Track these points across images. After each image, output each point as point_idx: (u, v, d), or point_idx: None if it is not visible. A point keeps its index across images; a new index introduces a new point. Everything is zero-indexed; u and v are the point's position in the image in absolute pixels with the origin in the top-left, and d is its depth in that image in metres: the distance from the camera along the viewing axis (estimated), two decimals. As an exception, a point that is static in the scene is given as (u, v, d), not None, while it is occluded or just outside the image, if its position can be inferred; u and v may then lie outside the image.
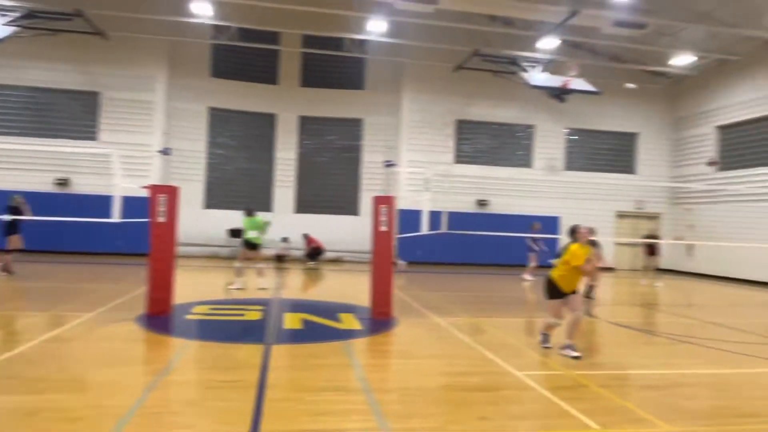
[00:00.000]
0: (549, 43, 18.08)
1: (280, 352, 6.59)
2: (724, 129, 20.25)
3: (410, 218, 13.67)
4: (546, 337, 7.07)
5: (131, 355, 6.35)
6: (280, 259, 18.56)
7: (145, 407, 4.50)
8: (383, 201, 8.80)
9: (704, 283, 18.10)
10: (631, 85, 15.95)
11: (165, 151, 12.30)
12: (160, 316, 8.16)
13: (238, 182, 20.96)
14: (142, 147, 18.22)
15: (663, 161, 22.62)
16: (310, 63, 21.15)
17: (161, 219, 8.35)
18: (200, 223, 18.86)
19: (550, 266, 11.49)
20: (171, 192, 8.52)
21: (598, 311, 10.73)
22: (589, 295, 11.82)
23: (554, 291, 6.81)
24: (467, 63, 19.40)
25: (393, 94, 21.35)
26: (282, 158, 21.23)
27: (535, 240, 15.42)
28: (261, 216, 12.23)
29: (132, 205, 10.57)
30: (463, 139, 21.60)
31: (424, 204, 9.63)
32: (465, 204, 20.36)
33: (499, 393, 5.28)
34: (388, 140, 21.26)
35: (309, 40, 20.16)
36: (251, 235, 11.75)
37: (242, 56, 20.56)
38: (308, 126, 21.51)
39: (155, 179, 17.02)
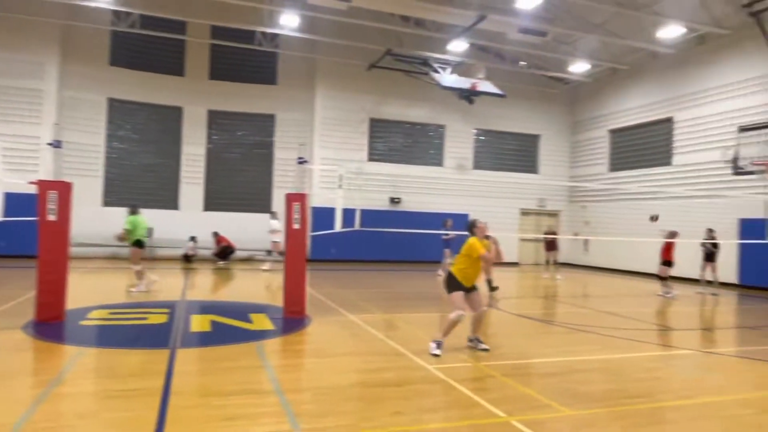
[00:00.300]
0: (458, 45, 18.68)
1: (186, 357, 6.29)
2: (615, 132, 21.94)
3: (324, 216, 13.59)
4: (439, 345, 6.61)
5: (17, 366, 5.79)
6: (187, 258, 17.77)
7: (32, 422, 4.12)
8: (296, 198, 8.66)
9: (598, 275, 19.52)
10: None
11: (55, 144, 11.34)
12: (51, 323, 7.52)
13: (140, 178, 19.76)
14: (29, 139, 16.74)
15: (562, 162, 24.12)
16: (220, 55, 20.39)
17: (51, 217, 7.69)
18: (98, 221, 17.59)
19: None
20: (63, 188, 7.86)
21: (504, 304, 11.24)
22: (491, 287, 12.39)
23: (456, 285, 6.82)
24: (380, 62, 19.60)
25: (306, 91, 21.11)
26: (189, 154, 20.31)
27: (448, 236, 15.83)
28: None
29: (17, 202, 9.65)
30: (377, 137, 21.80)
31: (338, 201, 9.58)
32: (378, 201, 20.59)
33: (412, 387, 5.37)
34: (301, 137, 20.95)
35: (218, 32, 19.40)
36: (146, 234, 11.25)
37: (145, 45, 19.40)
38: (217, 120, 20.74)
39: (45, 174, 15.67)
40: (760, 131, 15.55)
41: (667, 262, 13.48)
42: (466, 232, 7.11)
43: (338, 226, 9.46)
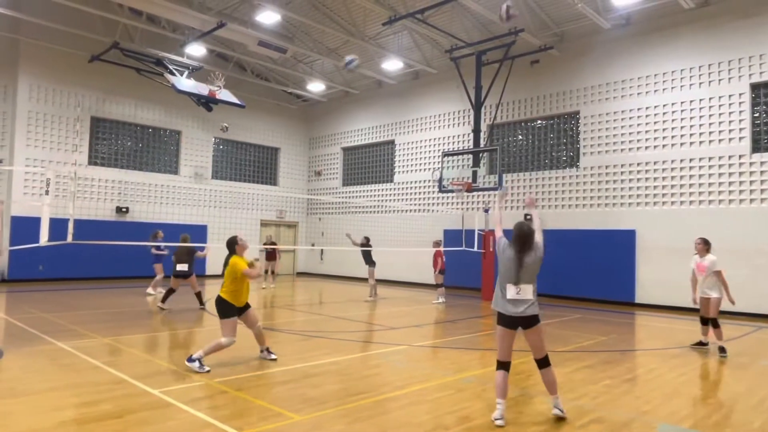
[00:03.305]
0: (196, 49, 17.99)
1: None
2: (347, 150, 23.84)
3: (29, 227, 11.50)
4: (201, 361, 6.46)
5: None
6: None
7: None
8: (-16, 206, 7.09)
9: (333, 282, 20.81)
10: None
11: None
12: None
13: None
14: None
15: (300, 175, 25.15)
16: None
17: None
18: None
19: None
20: None
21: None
22: (201, 303, 12.09)
23: (229, 309, 6.71)
24: (106, 55, 17.59)
25: (5, 75, 17.68)
26: None
27: (160, 250, 14.52)
28: None
29: None
30: (101, 138, 19.43)
31: (44, 210, 8.17)
32: (102, 211, 18.37)
33: (134, 416, 4.86)
34: (-3, 132, 17.46)
35: None
36: None
37: None
38: None
39: None
40: (458, 157, 18.75)
41: (442, 270, 14.95)
42: (206, 245, 6.80)
43: (44, 239, 8.06)
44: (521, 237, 5.05)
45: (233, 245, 6.93)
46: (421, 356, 7.94)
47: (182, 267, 11.83)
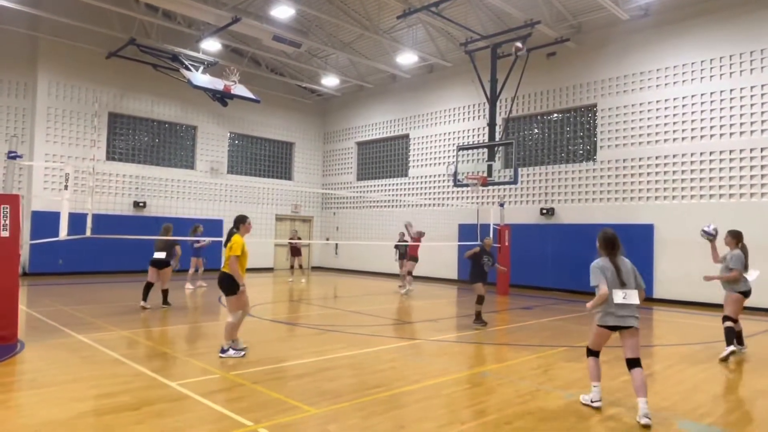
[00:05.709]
0: (211, 45, 18.06)
1: None
2: (362, 145, 23.81)
3: (48, 221, 11.67)
4: (237, 343, 6.91)
5: None
6: None
7: None
8: (4, 200, 7.19)
9: (347, 277, 20.85)
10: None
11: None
12: None
13: None
14: None
15: (315, 170, 25.19)
16: None
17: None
18: None
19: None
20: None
21: (256, 310, 11.17)
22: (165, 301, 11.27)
23: (234, 285, 6.75)
24: (123, 51, 17.73)
25: (24, 72, 17.90)
26: None
27: (200, 243, 14.86)
28: None
29: None
30: (118, 134, 19.63)
31: (63, 204, 8.27)
32: (120, 205, 18.57)
33: (151, 408, 4.90)
34: (15, 127, 17.70)
35: None
36: None
37: None
38: None
39: None
40: (473, 151, 18.61)
41: (414, 258, 15.25)
42: (218, 239, 6.88)
43: (63, 234, 8.17)
44: (607, 239, 5.05)
45: (239, 223, 6.97)
46: (436, 350, 7.91)
47: (159, 255, 11.13)
